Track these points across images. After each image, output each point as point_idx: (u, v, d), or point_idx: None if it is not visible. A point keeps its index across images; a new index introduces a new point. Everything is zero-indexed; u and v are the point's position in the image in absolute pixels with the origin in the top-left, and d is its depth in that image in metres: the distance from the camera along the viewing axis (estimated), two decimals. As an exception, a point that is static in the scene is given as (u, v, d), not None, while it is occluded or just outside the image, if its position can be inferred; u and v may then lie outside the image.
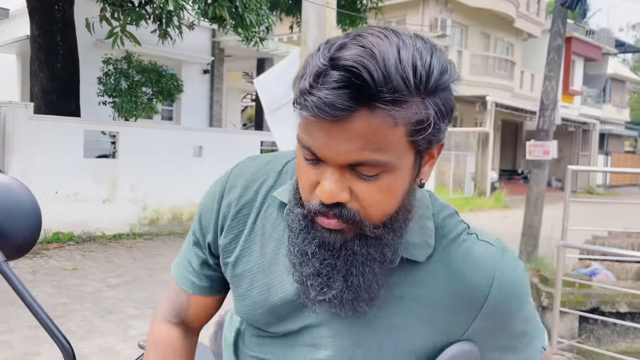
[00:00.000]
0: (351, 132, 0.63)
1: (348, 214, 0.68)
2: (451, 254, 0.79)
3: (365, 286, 0.73)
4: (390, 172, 0.68)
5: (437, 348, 0.80)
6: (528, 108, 17.88)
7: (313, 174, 0.69)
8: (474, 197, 14.96)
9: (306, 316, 0.81)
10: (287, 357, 0.84)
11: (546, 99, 6.54)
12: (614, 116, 29.11)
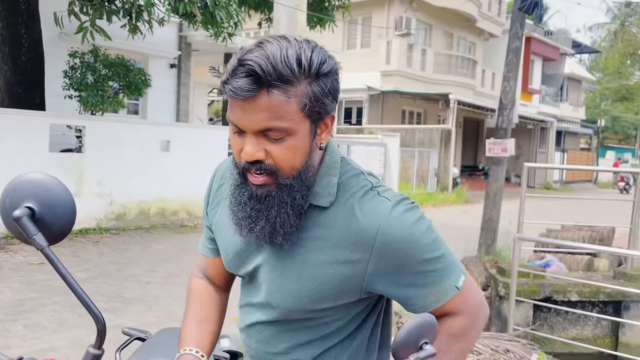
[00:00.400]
0: (257, 107, 0.90)
1: (266, 167, 0.95)
2: (351, 205, 1.00)
3: (280, 222, 0.98)
4: (291, 135, 0.93)
5: (345, 278, 1.00)
6: (489, 106, 18.41)
7: (239, 142, 0.96)
8: (437, 193, 15.36)
9: (256, 258, 1.08)
10: (250, 295, 1.12)
11: (505, 99, 6.84)
12: (570, 114, 30.22)
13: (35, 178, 0.76)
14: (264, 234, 1.00)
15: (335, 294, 1.03)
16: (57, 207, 0.76)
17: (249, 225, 1.00)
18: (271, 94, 0.89)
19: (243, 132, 0.95)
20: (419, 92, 18.03)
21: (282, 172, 0.96)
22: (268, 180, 0.97)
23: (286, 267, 1.04)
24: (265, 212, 0.98)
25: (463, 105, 17.83)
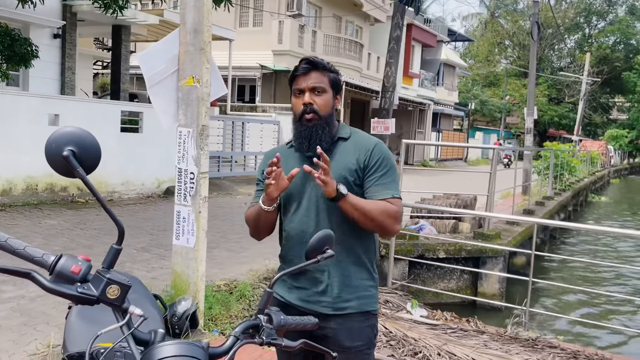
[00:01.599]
0: (311, 76, 1.86)
1: (313, 108, 1.85)
2: (357, 137, 1.95)
3: (322, 140, 1.86)
4: (325, 93, 1.88)
5: (358, 169, 1.87)
6: (374, 88, 19.52)
7: (299, 100, 1.87)
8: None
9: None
10: (302, 201, 1.93)
11: (387, 82, 7.60)
12: (445, 98, 32.75)
13: (71, 129, 1.10)
14: (312, 147, 1.82)
15: (352, 180, 1.87)
16: (89, 149, 1.11)
17: (304, 142, 1.88)
18: (317, 71, 1.88)
19: (302, 93, 1.86)
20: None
21: (322, 112, 1.87)
22: (314, 117, 1.86)
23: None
24: (314, 132, 1.86)
25: (351, 87, 18.75)
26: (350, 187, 1.81)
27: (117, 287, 1.08)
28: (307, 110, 1.86)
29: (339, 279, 1.86)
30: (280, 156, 1.76)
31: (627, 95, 44.53)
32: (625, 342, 6.64)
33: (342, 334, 1.86)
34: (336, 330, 1.85)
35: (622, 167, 41.93)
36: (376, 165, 1.87)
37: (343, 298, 1.86)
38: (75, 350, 1.62)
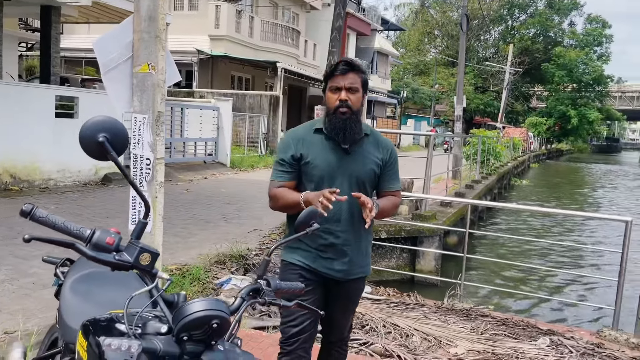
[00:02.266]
0: (349, 77, 2.23)
1: (348, 104, 2.21)
2: (376, 135, 2.41)
3: (354, 134, 2.24)
4: (358, 92, 2.26)
5: (380, 164, 2.34)
6: (312, 75, 19.74)
7: (335, 95, 2.23)
8: (267, 156, 16.28)
9: (338, 161, 2.29)
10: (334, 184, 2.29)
11: (330, 71, 7.85)
12: (379, 86, 33.55)
13: (103, 118, 1.24)
14: (348, 138, 2.23)
15: (376, 172, 2.34)
16: (119, 135, 1.25)
17: (340, 133, 2.22)
18: (354, 73, 2.23)
19: (338, 90, 2.22)
20: (248, 58, 18.57)
21: (355, 107, 2.24)
22: (348, 111, 2.22)
23: (354, 162, 2.30)
24: (348, 125, 2.22)
25: (289, 74, 18.87)
26: (374, 177, 2.36)
27: (149, 255, 1.25)
28: (342, 105, 2.21)
29: (358, 253, 2.36)
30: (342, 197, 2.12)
31: (546, 85, 47.41)
32: (547, 308, 7.38)
33: (351, 293, 2.44)
34: (347, 290, 2.41)
35: (541, 153, 44.72)
36: (391, 163, 2.40)
37: (357, 266, 2.38)
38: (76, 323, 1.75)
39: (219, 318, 1.20)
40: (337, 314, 2.46)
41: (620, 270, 4.70)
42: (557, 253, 11.43)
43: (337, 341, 2.56)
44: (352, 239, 2.33)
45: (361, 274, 2.43)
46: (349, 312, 2.55)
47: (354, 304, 2.53)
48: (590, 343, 4.43)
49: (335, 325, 2.51)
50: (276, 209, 2.38)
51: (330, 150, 2.30)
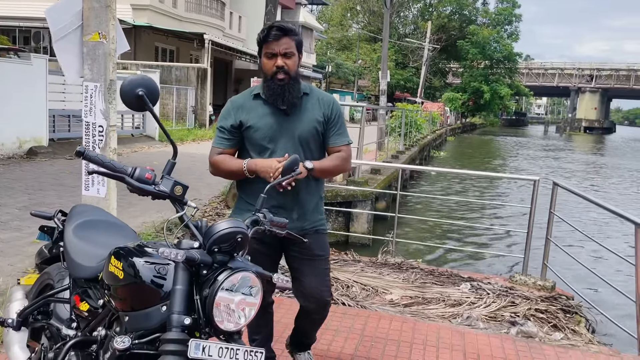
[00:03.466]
0: (283, 42, 2.27)
1: (286, 69, 2.27)
2: (317, 92, 2.48)
3: (292, 96, 2.32)
4: (294, 56, 2.32)
5: (323, 121, 2.40)
6: (239, 48, 19.63)
7: (271, 62, 2.28)
8: (195, 129, 16.19)
9: (278, 124, 2.36)
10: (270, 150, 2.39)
11: (266, 43, 8.05)
12: (304, 60, 33.67)
13: (140, 76, 1.50)
14: (286, 101, 2.29)
15: (318, 129, 2.39)
16: (152, 90, 1.51)
17: (279, 98, 2.29)
18: (288, 37, 2.26)
19: (274, 56, 2.25)
20: (173, 29, 18.13)
21: (292, 72, 2.29)
22: (285, 77, 2.28)
23: (294, 122, 2.35)
24: (286, 90, 2.29)
25: (216, 46, 18.67)
26: (317, 133, 2.40)
27: (181, 187, 1.55)
28: (279, 71, 2.25)
29: (306, 209, 2.44)
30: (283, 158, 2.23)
31: (461, 62, 49.69)
32: (467, 260, 8.24)
33: (312, 246, 2.43)
34: (307, 245, 2.39)
35: (457, 127, 47.12)
36: (334, 119, 2.43)
37: (309, 222, 2.45)
38: (85, 260, 1.99)
39: (242, 233, 1.53)
40: (305, 273, 2.45)
41: (529, 224, 5.39)
42: (476, 212, 12.60)
43: (313, 311, 2.54)
44: (298, 198, 2.38)
45: (316, 227, 2.46)
46: (318, 272, 2.46)
47: (322, 262, 2.48)
48: (504, 287, 5.11)
49: (308, 289, 2.46)
50: (217, 175, 2.45)
51: (270, 114, 2.34)
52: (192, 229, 1.56)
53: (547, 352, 3.42)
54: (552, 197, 5.29)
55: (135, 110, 1.54)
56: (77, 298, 1.98)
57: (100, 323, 1.80)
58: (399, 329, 3.60)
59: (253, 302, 1.53)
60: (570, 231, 7.35)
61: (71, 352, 1.81)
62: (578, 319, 4.74)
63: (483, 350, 3.34)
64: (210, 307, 1.44)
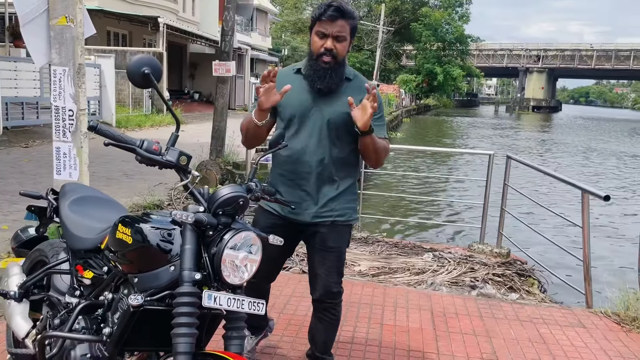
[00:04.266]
0: (337, 24, 2.15)
1: (334, 53, 2.18)
2: (360, 80, 2.33)
3: (334, 80, 2.22)
4: (345, 41, 2.20)
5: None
6: (194, 31, 19.33)
7: (321, 42, 2.18)
8: (153, 114, 15.95)
9: (312, 103, 2.27)
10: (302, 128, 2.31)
11: (226, 26, 8.08)
12: (260, 43, 33.53)
13: (145, 55, 1.61)
14: (325, 84, 2.21)
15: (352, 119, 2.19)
16: (156, 68, 1.63)
17: (319, 80, 2.21)
18: (344, 20, 2.14)
19: (325, 37, 2.16)
20: (126, 12, 17.67)
21: (339, 56, 2.20)
22: (332, 60, 2.20)
23: (330, 105, 2.26)
24: (329, 74, 2.21)
25: (171, 30, 18.34)
26: (350, 123, 2.19)
27: (185, 157, 1.70)
28: (326, 53, 2.16)
29: (330, 197, 2.32)
30: (289, 85, 2.08)
31: (415, 44, 50.38)
32: (429, 232, 8.64)
33: (327, 239, 2.34)
34: (323, 237, 2.34)
35: (412, 108, 47.94)
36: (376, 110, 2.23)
37: (329, 210, 2.31)
38: (83, 233, 2.12)
39: (243, 197, 1.70)
40: (315, 263, 2.39)
41: (485, 196, 5.74)
42: (436, 187, 13.11)
43: (322, 300, 2.42)
44: (322, 186, 2.30)
45: (335, 217, 2.33)
46: (328, 263, 2.36)
47: (333, 254, 2.36)
48: (464, 255, 5.46)
49: (317, 279, 2.39)
50: (245, 142, 2.37)
51: (305, 91, 2.26)
52: (196, 195, 1.71)
53: (505, 308, 3.75)
54: (506, 169, 5.65)
55: (141, 87, 1.66)
56: (79, 268, 2.10)
57: (106, 288, 1.94)
58: (370, 294, 3.85)
59: (254, 259, 1.70)
60: (523, 202, 7.81)
61: (79, 317, 1.94)
62: (532, 281, 5.14)
63: (448, 309, 3.64)
64: (219, 263, 1.61)
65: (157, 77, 1.68)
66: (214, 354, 1.62)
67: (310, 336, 2.56)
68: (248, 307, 1.67)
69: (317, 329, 2.49)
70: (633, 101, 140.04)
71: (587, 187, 3.88)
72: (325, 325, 2.46)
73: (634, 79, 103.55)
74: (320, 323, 2.46)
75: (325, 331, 2.49)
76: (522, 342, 3.18)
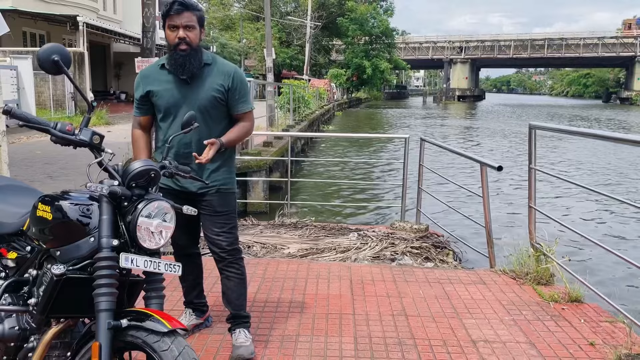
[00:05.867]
0: (184, 16, 2.50)
1: (187, 41, 2.51)
2: (219, 63, 2.69)
3: (193, 67, 2.56)
4: (195, 29, 2.55)
5: (223, 90, 2.62)
6: (118, 30, 18.84)
7: (174, 34, 2.52)
8: (77, 116, 15.47)
9: (180, 93, 2.62)
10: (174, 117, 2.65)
11: (147, 23, 8.06)
12: (187, 41, 32.86)
13: (54, 44, 1.76)
14: (186, 71, 2.51)
15: (219, 98, 2.59)
16: (65, 55, 1.77)
17: (181, 68, 2.51)
18: (189, 11, 2.47)
19: (176, 28, 2.47)
20: (43, 12, 16.94)
21: (193, 43, 2.51)
22: (187, 48, 2.51)
23: (196, 89, 2.56)
24: (187, 60, 2.51)
25: (92, 29, 17.79)
26: (219, 102, 2.61)
27: (98, 136, 1.88)
28: (181, 42, 2.48)
29: (212, 170, 2.68)
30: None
31: (343, 39, 51.20)
32: (355, 214, 9.04)
33: (214, 204, 2.71)
34: (210, 203, 2.70)
35: (343, 102, 48.75)
36: (235, 87, 2.64)
37: (212, 180, 2.67)
38: (6, 218, 2.24)
39: (154, 170, 1.89)
40: (207, 227, 2.73)
41: (403, 177, 6.15)
42: (359, 172, 13.69)
43: (220, 258, 2.77)
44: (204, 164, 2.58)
45: (217, 186, 2.68)
46: (219, 225, 2.71)
47: (221, 217, 2.71)
48: (386, 233, 5.83)
49: (210, 240, 2.74)
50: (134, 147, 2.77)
51: (172, 83, 2.58)
52: (110, 171, 1.89)
53: (417, 272, 4.12)
54: (421, 151, 6.07)
55: (52, 74, 1.81)
56: (3, 250, 2.22)
57: (30, 266, 2.07)
58: (295, 270, 4.12)
59: (168, 226, 1.90)
60: (441, 181, 8.35)
61: (5, 295, 2.06)
62: (447, 252, 5.58)
63: (366, 277, 3.96)
64: (134, 229, 1.80)
65: (66, 64, 1.84)
66: (134, 310, 1.81)
67: (225, 300, 2.85)
68: (164, 268, 1.87)
69: (227, 287, 2.81)
70: (550, 88, 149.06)
71: (483, 160, 4.31)
72: (234, 282, 2.79)
73: (550, 66, 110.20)
74: (228, 280, 2.80)
75: (235, 287, 2.80)
76: (429, 299, 3.54)
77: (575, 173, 14.40)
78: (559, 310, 3.41)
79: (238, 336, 2.76)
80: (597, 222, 9.47)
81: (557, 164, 15.55)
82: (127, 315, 1.77)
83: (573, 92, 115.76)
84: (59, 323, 1.95)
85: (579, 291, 3.55)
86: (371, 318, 3.22)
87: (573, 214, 9.89)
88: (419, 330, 3.07)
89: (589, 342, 2.96)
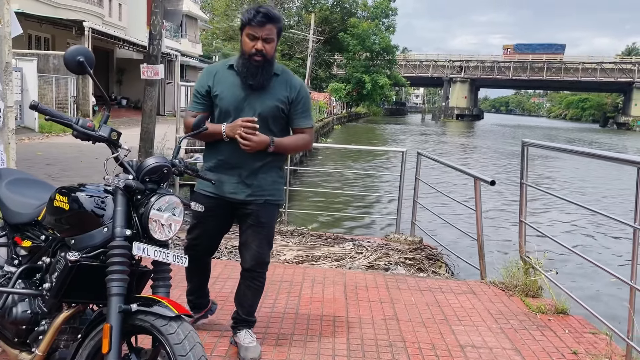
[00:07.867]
0: (266, 28, 2.52)
1: (264, 53, 2.54)
2: (287, 75, 2.71)
3: (265, 77, 2.59)
4: (273, 42, 2.57)
5: (287, 102, 2.66)
6: (122, 36, 19.06)
7: (251, 43, 2.53)
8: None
9: (245, 98, 2.63)
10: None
11: (154, 30, 8.24)
12: (190, 50, 33.30)
13: (79, 46, 1.90)
14: (257, 81, 2.55)
15: (282, 108, 2.63)
16: (89, 57, 1.90)
17: (252, 77, 2.55)
18: (271, 24, 2.49)
19: (255, 39, 2.49)
20: (49, 16, 17.16)
21: (268, 55, 2.53)
22: (262, 59, 2.54)
23: (264, 97, 2.60)
24: (259, 71, 2.55)
25: (97, 34, 18.00)
26: (280, 113, 2.64)
27: (116, 133, 2.01)
28: (257, 54, 2.51)
29: (260, 179, 2.67)
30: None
31: (344, 54, 51.66)
32: (351, 224, 9.17)
33: (260, 216, 2.67)
34: (256, 214, 2.67)
35: (343, 115, 49.04)
36: (299, 102, 2.67)
37: (260, 190, 2.67)
38: (22, 209, 2.36)
39: (166, 166, 2.03)
40: (249, 237, 2.70)
41: (399, 189, 6.28)
42: (357, 183, 13.87)
43: (250, 269, 2.75)
44: (253, 169, 2.63)
45: (267, 197, 2.67)
46: (260, 237, 2.69)
47: (264, 229, 2.68)
48: (380, 243, 5.96)
49: (249, 251, 2.71)
50: (194, 137, 2.70)
51: (238, 86, 2.59)
52: (126, 166, 2.02)
53: (410, 281, 4.24)
54: (417, 165, 6.22)
55: (77, 74, 1.96)
56: (17, 239, 2.34)
57: (44, 254, 2.19)
58: (291, 274, 4.24)
59: (177, 220, 2.03)
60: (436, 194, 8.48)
61: (19, 280, 2.18)
62: (439, 264, 5.71)
63: (360, 283, 4.08)
64: (146, 221, 1.92)
65: (90, 66, 1.98)
66: (143, 296, 1.93)
67: (237, 301, 2.89)
68: (172, 258, 1.99)
69: (245, 294, 2.83)
70: (547, 110, 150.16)
71: (476, 174, 4.46)
72: (253, 291, 2.81)
73: (548, 89, 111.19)
74: (248, 290, 2.81)
75: (252, 296, 2.84)
76: (420, 306, 3.66)
77: (567, 190, 14.65)
78: (545, 321, 3.53)
79: (245, 337, 2.80)
80: (584, 236, 9.66)
81: (554, 181, 15.81)
82: (137, 300, 1.89)
83: (571, 114, 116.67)
84: (69, 308, 2.07)
85: (565, 303, 3.68)
86: (364, 321, 3.34)
87: (562, 228, 10.06)
88: (409, 335, 3.18)
89: (572, 350, 3.09)
